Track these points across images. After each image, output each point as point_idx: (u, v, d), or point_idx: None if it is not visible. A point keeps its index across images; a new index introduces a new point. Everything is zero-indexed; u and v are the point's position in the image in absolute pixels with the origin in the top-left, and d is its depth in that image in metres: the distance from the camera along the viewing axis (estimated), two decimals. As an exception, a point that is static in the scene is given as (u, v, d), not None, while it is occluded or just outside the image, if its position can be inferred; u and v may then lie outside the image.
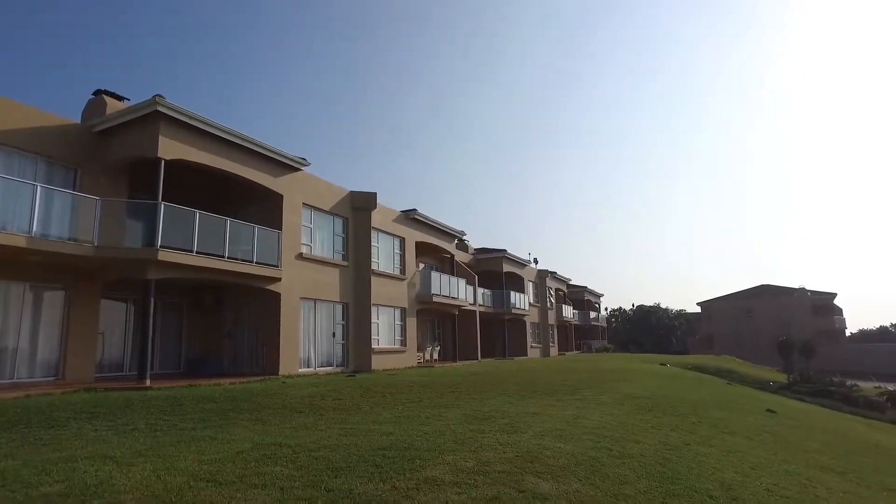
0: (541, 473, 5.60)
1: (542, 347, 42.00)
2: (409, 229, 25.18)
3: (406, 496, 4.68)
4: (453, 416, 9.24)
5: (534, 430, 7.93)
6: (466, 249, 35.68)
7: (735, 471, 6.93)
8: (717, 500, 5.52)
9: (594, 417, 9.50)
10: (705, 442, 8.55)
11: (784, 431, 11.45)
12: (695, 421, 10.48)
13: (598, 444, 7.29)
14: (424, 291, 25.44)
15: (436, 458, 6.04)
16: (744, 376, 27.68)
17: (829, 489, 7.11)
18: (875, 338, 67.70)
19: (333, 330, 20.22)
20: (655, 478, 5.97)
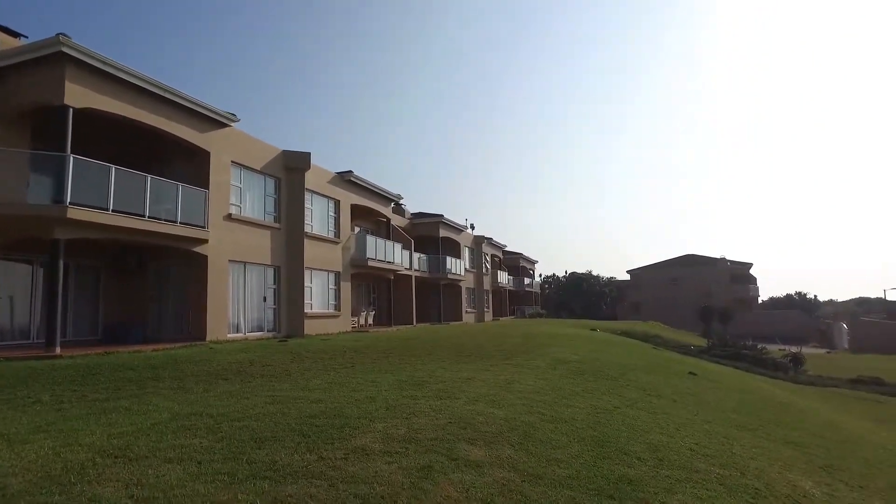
0: (473, 440, 5.53)
1: (477, 312, 42.55)
2: (344, 192, 24.50)
3: (333, 467, 4.47)
4: (386, 381, 9.08)
5: (467, 396, 7.88)
6: (403, 214, 35.29)
7: (661, 432, 7.12)
8: (646, 461, 5.62)
9: (527, 382, 9.58)
10: (634, 405, 8.79)
11: (704, 393, 12.02)
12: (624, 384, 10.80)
13: (531, 408, 7.32)
14: (359, 255, 24.99)
15: (366, 425, 5.86)
16: (668, 341, 29.08)
17: (743, 445, 7.45)
18: (782, 305, 72.84)
19: (264, 294, 19.55)
20: (587, 441, 6.03)
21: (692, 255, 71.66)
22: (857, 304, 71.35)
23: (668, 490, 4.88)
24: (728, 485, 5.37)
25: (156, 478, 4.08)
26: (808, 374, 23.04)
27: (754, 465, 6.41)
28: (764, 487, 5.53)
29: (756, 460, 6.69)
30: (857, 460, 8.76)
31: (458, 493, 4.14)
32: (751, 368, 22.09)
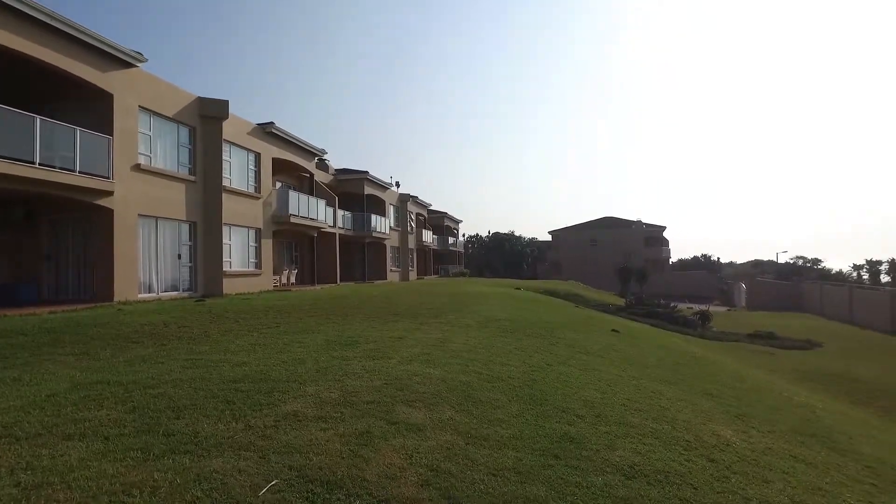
0: (412, 402, 5.30)
1: (402, 271, 42.34)
2: (265, 144, 23.17)
3: (263, 436, 4.10)
4: (314, 342, 8.67)
5: (401, 356, 7.65)
6: (327, 169, 34.07)
7: (594, 388, 7.21)
8: (584, 418, 5.62)
9: (460, 340, 9.47)
10: (565, 362, 8.89)
11: (627, 349, 12.44)
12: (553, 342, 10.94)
13: (468, 367, 7.19)
14: (281, 211, 23.91)
15: (296, 389, 5.49)
16: (588, 300, 30.15)
17: (669, 399, 7.70)
18: (690, 266, 77.47)
19: (179, 251, 18.30)
20: (526, 400, 5.97)
21: (610, 217, 74.41)
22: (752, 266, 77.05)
23: (609, 446, 4.89)
24: (662, 438, 5.47)
25: (50, 459, 3.56)
26: (713, 330, 24.63)
27: (682, 417, 6.61)
28: (693, 439, 5.68)
29: (682, 413, 6.91)
30: (764, 408, 9.33)
31: (401, 459, 3.90)
32: (664, 325, 23.30)
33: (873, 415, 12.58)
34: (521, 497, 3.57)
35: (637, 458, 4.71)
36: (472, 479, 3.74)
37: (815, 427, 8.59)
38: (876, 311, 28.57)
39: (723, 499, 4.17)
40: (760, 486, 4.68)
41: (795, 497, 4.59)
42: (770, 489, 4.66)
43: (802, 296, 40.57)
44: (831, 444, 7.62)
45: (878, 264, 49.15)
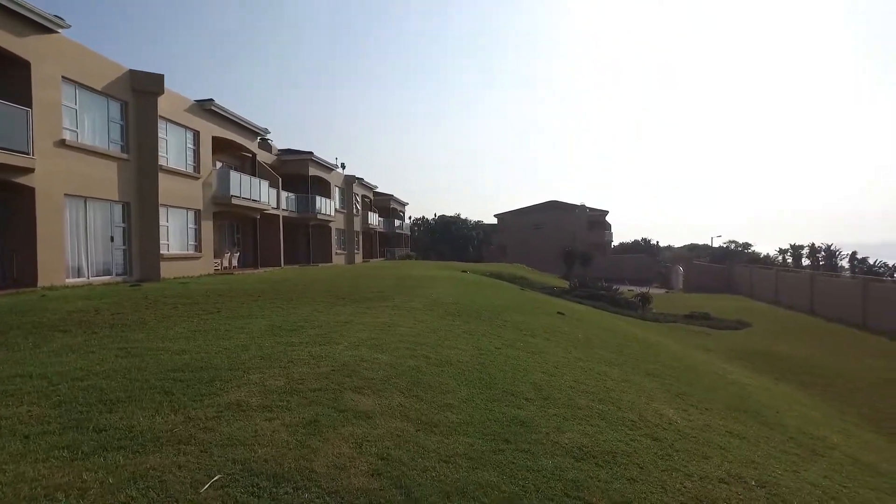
0: (361, 389, 5.19)
1: (348, 254, 41.79)
2: (204, 122, 22.17)
3: (204, 428, 3.91)
4: (258, 327, 8.40)
5: (348, 340, 7.50)
6: (270, 150, 33.03)
7: (542, 371, 7.30)
8: (533, 401, 5.67)
9: (407, 324, 9.38)
10: (512, 345, 8.96)
11: (572, 331, 12.68)
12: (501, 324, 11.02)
13: (416, 352, 7.12)
14: (222, 192, 23.03)
15: (240, 378, 5.28)
16: (533, 282, 30.62)
17: (614, 380, 7.90)
18: (631, 249, 79.90)
19: (112, 233, 17.34)
20: (475, 384, 5.96)
21: (555, 201, 75.65)
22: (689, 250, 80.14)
23: (558, 429, 4.94)
24: (609, 419, 5.58)
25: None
26: (653, 312, 25.51)
27: (626, 398, 6.78)
28: (638, 419, 5.83)
29: (627, 393, 7.09)
30: (701, 386, 9.73)
31: (350, 448, 3.79)
32: (607, 307, 23.93)
33: (795, 389, 13.35)
34: (474, 483, 3.54)
35: (585, 439, 4.78)
36: (424, 466, 3.68)
37: (746, 403, 9.02)
38: (798, 292, 30.32)
39: (667, 476, 4.28)
40: (700, 462, 4.84)
41: (732, 471, 4.78)
42: (709, 464, 4.83)
43: (734, 278, 42.60)
44: (761, 418, 8.02)
45: (801, 248, 52.08)
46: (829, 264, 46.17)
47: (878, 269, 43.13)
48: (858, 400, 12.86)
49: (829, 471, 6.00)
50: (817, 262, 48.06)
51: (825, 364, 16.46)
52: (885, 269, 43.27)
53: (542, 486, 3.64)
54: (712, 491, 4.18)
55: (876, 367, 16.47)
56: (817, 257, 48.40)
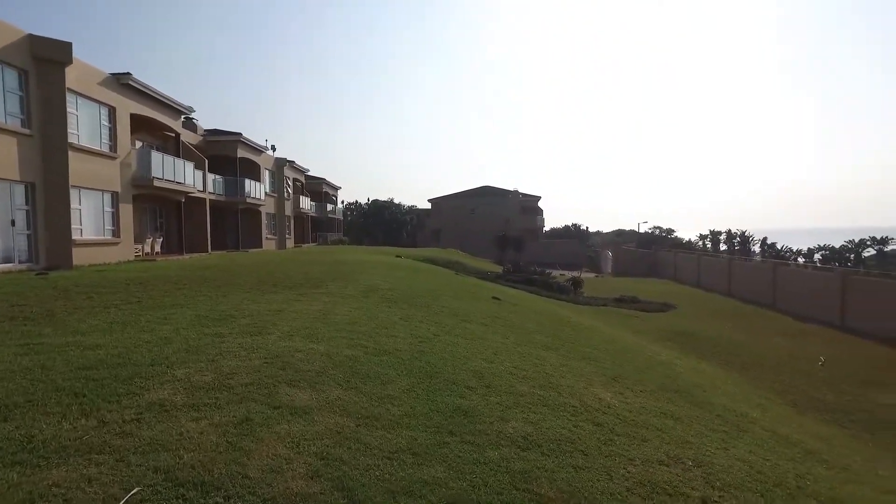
0: (296, 382, 4.91)
1: (279, 239, 40.54)
2: (121, 97, 20.64)
3: (121, 433, 3.54)
4: (183, 318, 7.87)
5: (281, 330, 7.14)
6: (196, 130, 31.35)
7: (482, 358, 7.22)
8: (475, 390, 5.57)
9: (343, 312, 9.08)
10: (450, 331, 8.85)
11: (509, 316, 12.75)
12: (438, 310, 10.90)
13: (353, 341, 6.87)
14: (143, 173, 21.62)
15: (163, 374, 4.87)
16: (468, 267, 30.70)
17: (553, 365, 7.96)
18: (562, 235, 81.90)
19: (12, 217, 15.88)
20: (415, 374, 5.79)
21: (488, 186, 76.28)
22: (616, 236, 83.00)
23: (501, 418, 4.86)
24: (551, 405, 5.57)
25: None
26: (584, 296, 26.22)
27: (565, 382, 6.82)
28: (578, 404, 5.85)
29: (566, 378, 7.13)
30: (634, 368, 10.00)
31: (287, 448, 3.54)
32: (540, 291, 24.35)
33: (717, 367, 14.06)
34: (419, 480, 3.38)
35: (529, 427, 4.73)
36: (366, 464, 3.48)
37: (677, 383, 9.34)
38: (717, 276, 32.04)
39: (610, 462, 4.28)
40: (640, 445, 4.90)
41: (670, 452, 4.86)
42: (648, 447, 4.89)
43: (659, 263, 44.50)
44: (691, 397, 8.31)
45: (719, 234, 55.17)
46: (743, 249, 49.14)
47: (785, 254, 46.39)
48: (770, 376, 13.70)
49: (753, 445, 6.27)
50: (733, 247, 51.03)
51: (742, 343, 17.44)
52: (789, 253, 46.60)
53: (490, 480, 3.53)
54: (654, 474, 4.22)
55: (783, 345, 17.62)
56: (733, 243, 51.38)
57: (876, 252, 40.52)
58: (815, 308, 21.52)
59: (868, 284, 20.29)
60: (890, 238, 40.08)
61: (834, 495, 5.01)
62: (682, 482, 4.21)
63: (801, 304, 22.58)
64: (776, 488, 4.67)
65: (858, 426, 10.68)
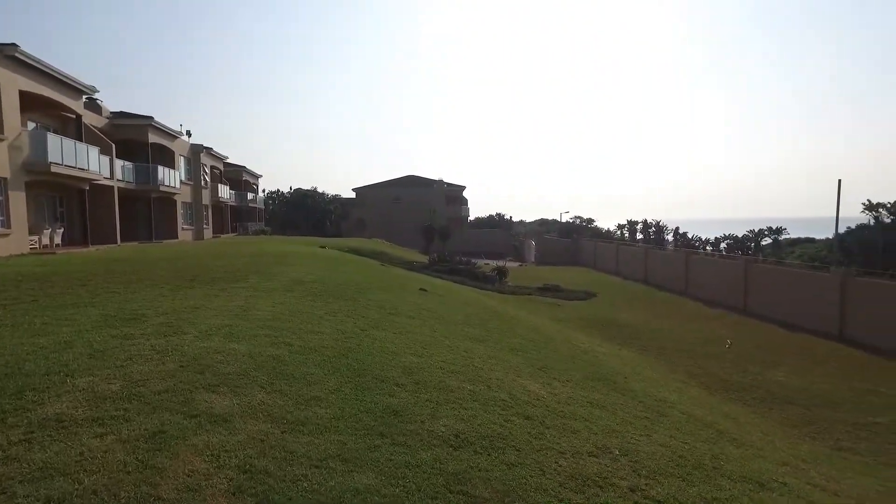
0: (216, 387, 4.60)
1: (196, 229, 38.60)
2: (7, 72, 18.75)
3: (5, 458, 3.15)
4: (88, 318, 7.25)
5: (199, 329, 6.72)
6: (100, 112, 29.11)
7: (411, 352, 7.11)
8: (405, 387, 5.45)
9: (266, 308, 8.69)
10: (378, 325, 8.67)
11: (436, 308, 12.70)
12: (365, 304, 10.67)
13: (277, 339, 6.56)
14: (37, 158, 19.82)
15: (61, 384, 4.42)
16: (394, 258, 30.44)
17: (481, 357, 7.96)
18: (486, 224, 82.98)
19: None
20: (343, 372, 5.60)
21: (413, 175, 75.98)
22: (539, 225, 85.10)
23: (432, 416, 4.77)
24: (481, 400, 5.54)
25: None
26: (509, 285, 26.67)
27: (495, 375, 6.83)
28: (508, 397, 5.87)
29: (495, 371, 7.15)
30: (560, 358, 10.23)
31: (205, 463, 3.27)
32: (466, 281, 24.53)
33: (636, 353, 14.70)
34: (350, 489, 3.22)
35: (461, 424, 4.67)
36: (294, 475, 3.28)
37: (600, 371, 9.63)
38: (634, 264, 33.54)
39: (542, 457, 4.29)
40: (570, 437, 4.96)
41: (598, 443, 4.95)
42: (578, 439, 4.96)
43: (580, 252, 46.02)
44: (614, 385, 8.58)
45: (636, 224, 57.78)
46: (658, 238, 51.74)
47: (695, 243, 49.28)
48: (684, 360, 14.48)
49: (672, 430, 6.53)
50: (649, 237, 53.61)
51: (657, 329, 18.34)
52: (699, 242, 49.55)
53: (424, 484, 3.43)
54: (584, 466, 4.27)
55: (694, 329, 18.70)
56: (649, 232, 53.97)
57: (772, 241, 43.83)
58: (723, 294, 22.95)
59: (765, 271, 21.87)
60: (783, 228, 43.51)
61: (743, 472, 5.28)
62: (611, 472, 4.28)
63: (711, 291, 24.02)
64: (695, 471, 4.86)
65: (759, 403, 11.47)
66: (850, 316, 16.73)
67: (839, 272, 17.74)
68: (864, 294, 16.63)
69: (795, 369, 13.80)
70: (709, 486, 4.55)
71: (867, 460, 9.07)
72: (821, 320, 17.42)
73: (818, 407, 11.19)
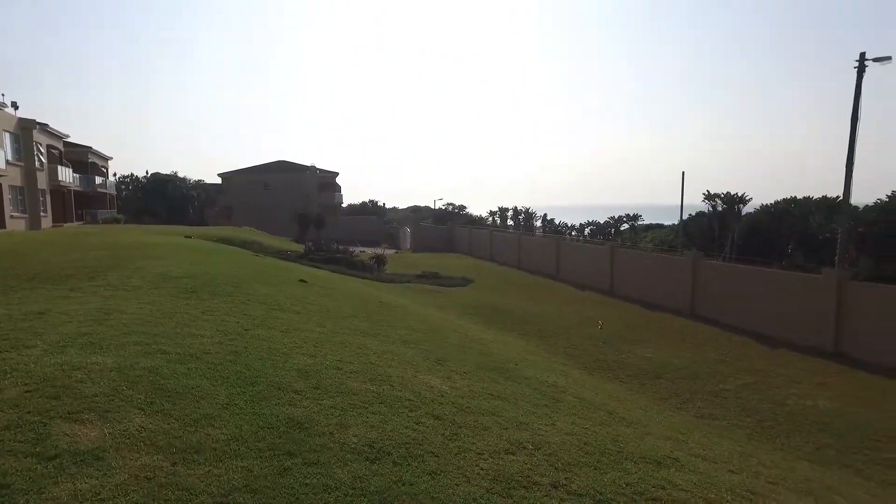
0: (78, 413, 3.85)
1: (31, 218, 33.84)
2: None
3: None
4: None
5: (48, 341, 5.69)
6: None
7: (303, 352, 6.59)
8: (304, 394, 4.99)
9: (131, 309, 7.65)
10: (263, 324, 7.99)
11: (320, 300, 12.08)
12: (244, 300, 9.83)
13: (150, 346, 5.74)
14: None
15: None
16: (267, 247, 28.83)
17: (376, 353, 7.60)
18: (359, 211, 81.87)
19: None
20: (233, 381, 5.00)
21: (284, 161, 72.75)
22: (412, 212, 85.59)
23: (340, 425, 4.39)
24: (387, 402, 5.23)
25: None
26: (388, 273, 26.39)
27: (395, 372, 6.54)
28: (414, 396, 5.62)
29: (393, 367, 6.86)
30: (452, 348, 10.15)
31: (75, 516, 2.64)
32: (344, 271, 23.85)
33: (519, 338, 15.15)
34: (265, 528, 2.78)
35: (372, 432, 4.34)
36: (193, 519, 2.76)
37: (491, 360, 9.70)
38: (508, 250, 34.76)
39: (462, 461, 4.10)
40: (483, 435, 4.82)
41: (511, 439, 4.87)
42: (491, 436, 4.84)
43: (455, 238, 46.84)
44: (507, 373, 8.66)
45: (507, 211, 60.15)
46: (527, 224, 54.21)
47: (561, 229, 52.37)
48: (562, 342, 15.17)
49: (571, 416, 6.68)
50: (519, 223, 56.02)
51: (534, 313, 19.07)
52: (566, 228, 52.75)
53: (349, 510, 3.07)
54: (505, 466, 4.15)
55: (568, 312, 19.72)
56: (519, 218, 56.37)
57: (630, 227, 47.81)
58: (592, 277, 24.47)
59: (629, 256, 23.67)
60: (639, 215, 47.64)
61: (641, 452, 5.48)
62: (531, 469, 4.20)
63: (581, 275, 25.50)
64: (603, 457, 4.94)
65: (632, 379, 12.31)
66: (699, 295, 18.56)
67: (691, 256, 19.59)
68: (709, 275, 18.51)
69: (659, 345, 15.00)
70: (618, 472, 4.63)
71: (723, 424, 10.08)
72: (676, 300, 19.15)
73: (681, 379, 12.23)
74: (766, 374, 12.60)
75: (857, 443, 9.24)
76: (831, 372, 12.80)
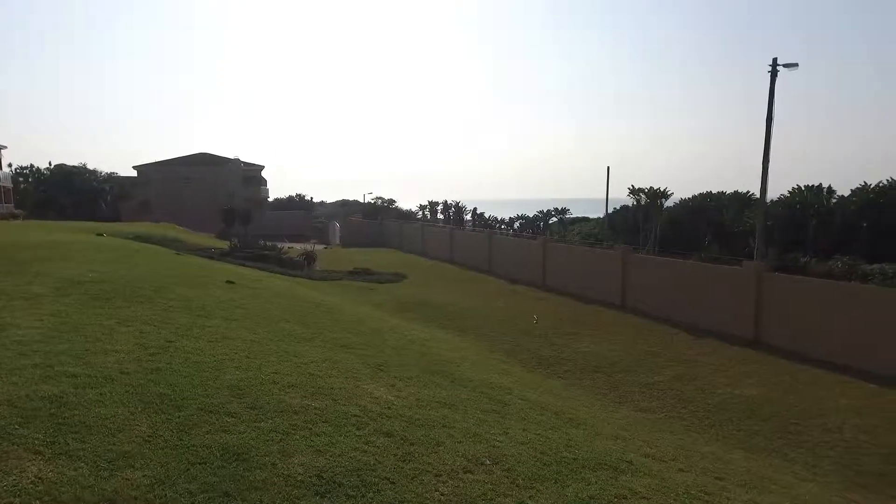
0: (-39, 460, 3.20)
1: (-88, 216, 30.34)
2: None
3: None
4: None
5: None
6: None
7: (234, 365, 6.02)
8: (239, 416, 4.49)
9: (30, 323, 6.73)
10: (188, 333, 7.29)
11: (250, 303, 11.34)
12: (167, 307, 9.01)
13: (52, 369, 5.01)
14: None
15: None
16: (189, 244, 27.14)
17: (314, 361, 7.09)
18: (286, 206, 79.37)
19: None
20: (155, 406, 4.42)
21: (205, 153, 69.32)
22: (341, 206, 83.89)
23: (283, 452, 3.94)
24: (331, 420, 4.82)
25: None
26: (319, 270, 25.57)
27: (336, 384, 6.11)
28: (360, 411, 5.23)
29: (334, 377, 6.42)
30: (391, 351, 9.77)
31: None
32: (273, 268, 22.84)
33: (456, 335, 14.94)
34: None
35: (320, 459, 3.92)
36: None
37: (434, 363, 9.39)
38: (440, 245, 34.61)
39: (420, 486, 3.78)
40: (438, 452, 4.52)
41: (467, 454, 4.60)
42: (446, 452, 4.55)
43: (386, 233, 46.22)
44: (450, 377, 8.39)
45: (437, 205, 60.01)
46: (458, 218, 54.33)
47: (491, 223, 52.87)
48: (500, 338, 15.09)
49: (521, 420, 6.51)
50: (449, 217, 56.07)
51: (470, 308, 18.93)
52: (496, 222, 53.30)
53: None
54: (465, 488, 3.87)
55: (502, 307, 19.74)
56: (449, 213, 56.42)
57: (558, 220, 48.88)
58: (524, 271, 24.68)
59: (561, 250, 24.05)
60: (567, 209, 48.82)
61: (596, 458, 5.35)
62: (493, 490, 3.94)
63: (513, 268, 25.68)
64: (561, 468, 4.77)
65: (571, 375, 12.37)
66: (629, 287, 19.08)
67: (621, 249, 20.10)
68: (638, 268, 19.06)
69: (594, 339, 15.21)
70: (580, 483, 4.46)
71: (659, 417, 10.27)
72: (608, 292, 19.60)
73: (618, 373, 12.41)
74: (695, 364, 13.00)
75: (780, 428, 9.62)
76: (753, 360, 13.38)
